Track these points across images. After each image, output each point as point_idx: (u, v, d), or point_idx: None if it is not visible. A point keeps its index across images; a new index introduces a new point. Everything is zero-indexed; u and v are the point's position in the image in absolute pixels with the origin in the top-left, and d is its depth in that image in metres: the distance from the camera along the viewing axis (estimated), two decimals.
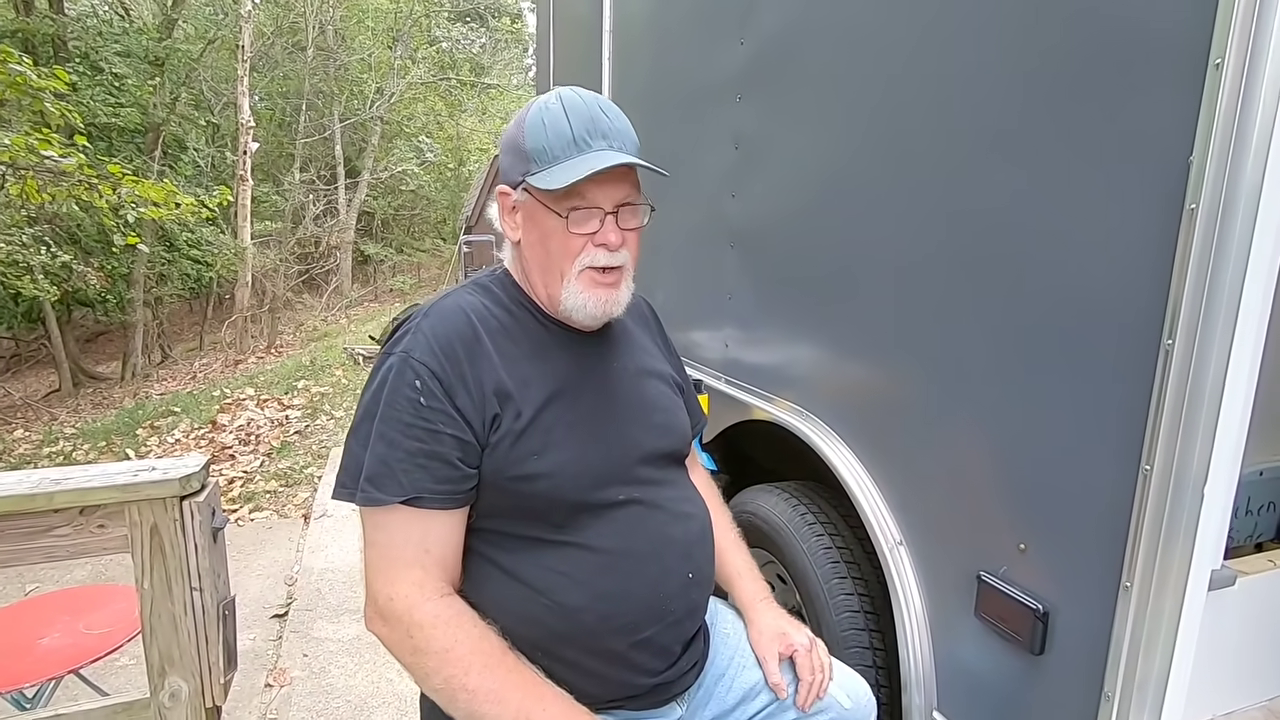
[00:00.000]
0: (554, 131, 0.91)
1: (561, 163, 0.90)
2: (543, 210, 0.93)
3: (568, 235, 0.93)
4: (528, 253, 0.98)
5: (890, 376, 1.37)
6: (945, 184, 1.21)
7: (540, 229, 0.94)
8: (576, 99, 0.93)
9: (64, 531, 1.30)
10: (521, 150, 0.92)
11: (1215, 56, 0.80)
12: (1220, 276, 0.82)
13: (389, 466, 0.86)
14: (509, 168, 0.95)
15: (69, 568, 3.09)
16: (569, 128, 0.91)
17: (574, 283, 0.94)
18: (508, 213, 0.98)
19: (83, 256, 8.72)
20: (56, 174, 5.45)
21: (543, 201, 0.92)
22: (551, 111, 0.92)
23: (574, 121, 0.91)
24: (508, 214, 0.98)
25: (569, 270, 0.94)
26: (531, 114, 0.93)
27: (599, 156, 0.90)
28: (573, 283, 0.94)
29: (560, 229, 0.92)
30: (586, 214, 0.92)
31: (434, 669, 0.85)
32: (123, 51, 10.48)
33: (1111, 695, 0.94)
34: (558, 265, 0.94)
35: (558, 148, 0.90)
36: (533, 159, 0.91)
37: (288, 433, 5.47)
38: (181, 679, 1.35)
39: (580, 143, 0.90)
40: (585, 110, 0.92)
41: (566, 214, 0.92)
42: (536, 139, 0.91)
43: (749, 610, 1.15)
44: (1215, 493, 0.86)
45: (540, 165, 0.91)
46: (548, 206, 0.92)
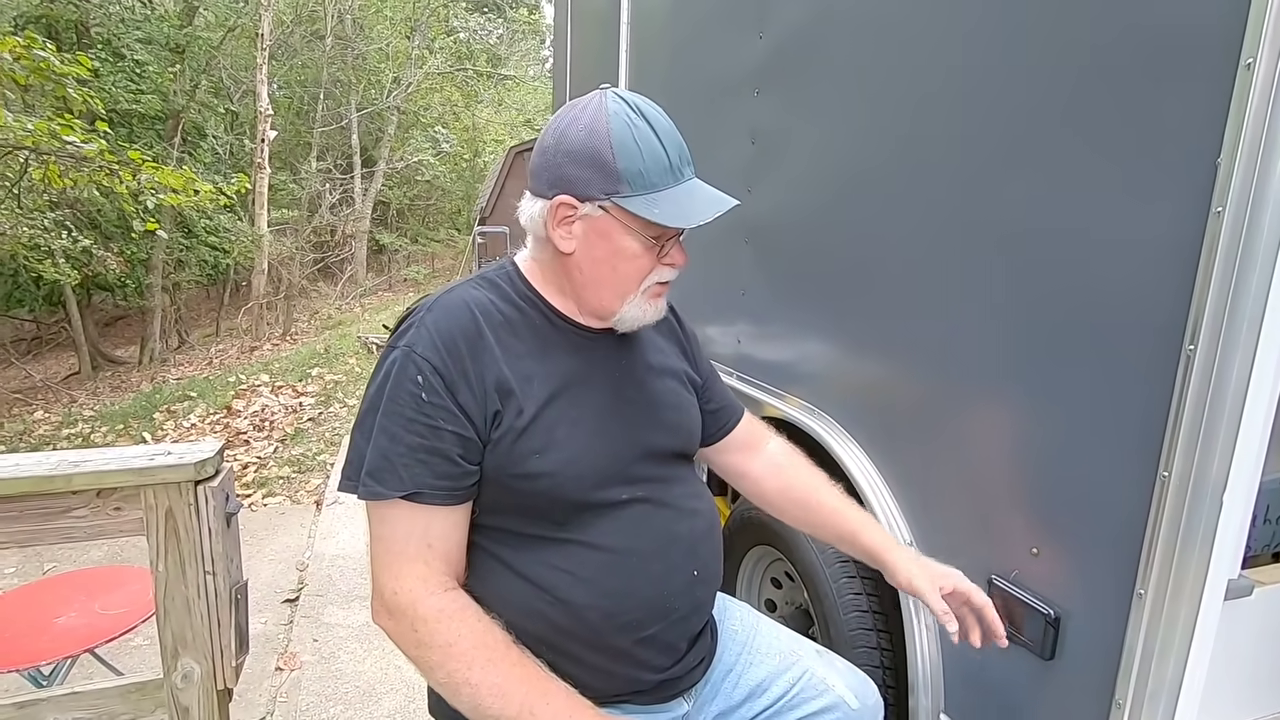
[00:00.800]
0: (650, 156, 0.89)
1: (660, 190, 0.89)
2: (626, 232, 0.91)
3: (651, 260, 0.94)
4: (584, 266, 0.94)
5: (904, 376, 1.36)
6: (965, 183, 1.19)
7: (613, 247, 0.92)
8: (660, 118, 0.92)
9: (81, 513, 1.32)
10: (610, 168, 0.88)
11: (1246, 57, 0.78)
12: (1246, 281, 0.80)
13: (390, 461, 0.87)
14: (581, 181, 0.89)
15: (86, 548, 3.14)
16: (665, 154, 0.90)
17: (639, 298, 0.96)
18: (561, 223, 0.92)
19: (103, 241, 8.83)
20: (78, 159, 5.52)
21: (630, 225, 0.91)
22: (641, 131, 0.89)
23: (669, 148, 0.90)
24: (561, 224, 0.92)
25: (636, 289, 0.95)
26: (617, 128, 0.88)
27: (700, 190, 0.93)
28: (638, 298, 0.96)
29: (644, 253, 0.93)
30: (671, 241, 0.95)
31: (438, 663, 0.85)
32: (144, 38, 10.56)
33: (1123, 703, 0.93)
34: (624, 285, 0.94)
35: (655, 174, 0.89)
36: (625, 180, 0.88)
37: (301, 419, 5.52)
38: (194, 661, 1.36)
39: (676, 171, 0.91)
40: (674, 134, 0.92)
41: (660, 245, 0.93)
42: (631, 161, 0.88)
43: (885, 554, 1.06)
44: (1234, 500, 0.85)
45: (636, 190, 0.88)
46: (636, 231, 0.91)
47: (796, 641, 1.17)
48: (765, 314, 1.83)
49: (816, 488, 1.17)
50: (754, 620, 1.17)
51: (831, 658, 1.17)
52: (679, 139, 0.93)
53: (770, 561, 1.90)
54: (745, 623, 1.16)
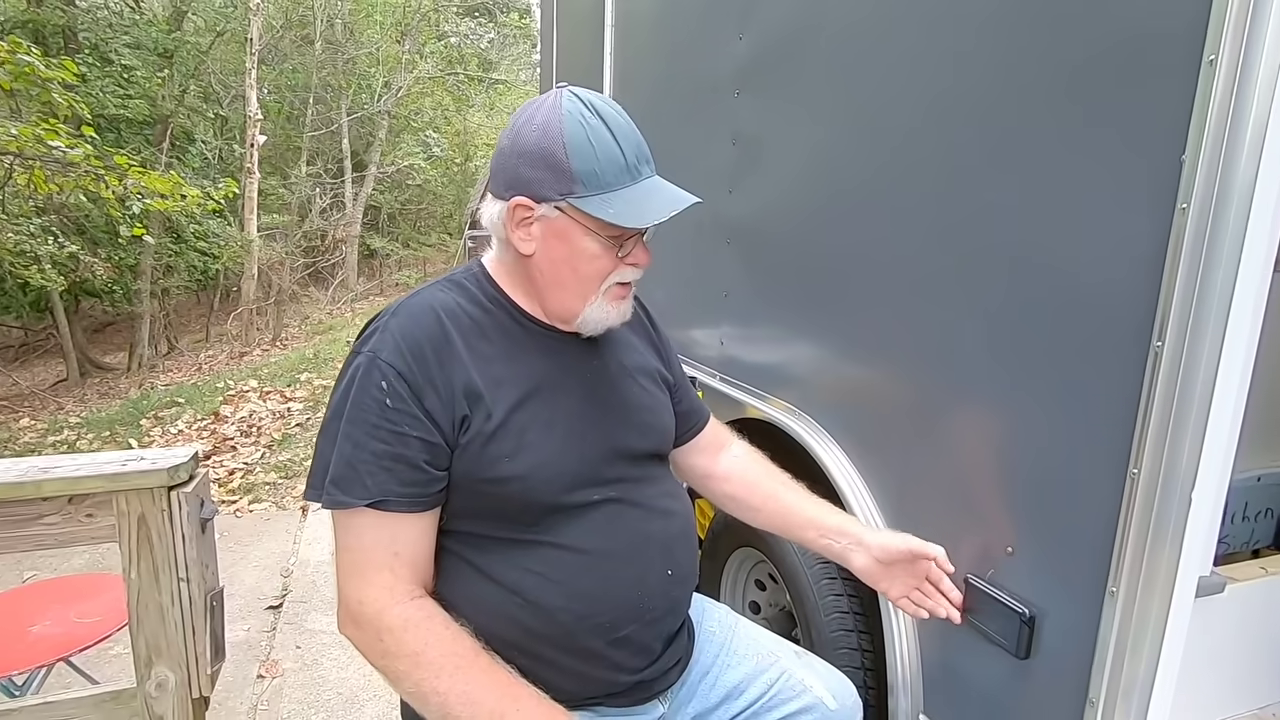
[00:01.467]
0: (605, 156, 0.87)
1: (615, 190, 0.88)
2: (584, 233, 0.90)
3: (611, 260, 0.92)
4: (544, 268, 0.93)
5: (882, 377, 1.36)
6: (939, 183, 1.19)
7: (572, 249, 0.91)
8: (616, 116, 0.90)
9: (53, 520, 1.30)
10: (563, 168, 0.87)
11: (1209, 53, 0.79)
12: (1211, 277, 0.81)
13: (354, 469, 0.85)
14: (536, 181, 0.88)
15: (66, 556, 3.11)
16: (621, 153, 0.88)
17: (601, 298, 0.94)
18: (519, 225, 0.91)
19: (90, 247, 8.76)
20: (64, 164, 5.47)
21: (587, 226, 0.89)
22: (595, 130, 0.87)
23: (625, 146, 0.89)
24: (520, 226, 0.91)
25: (597, 290, 0.94)
26: (571, 129, 0.87)
27: (657, 189, 0.90)
28: (600, 299, 0.94)
29: (603, 254, 0.91)
30: (630, 240, 0.93)
31: (405, 672, 0.84)
32: (132, 43, 10.50)
33: (1096, 701, 0.93)
34: (584, 286, 0.93)
35: (610, 174, 0.88)
36: (579, 181, 0.87)
37: (289, 425, 5.49)
38: (168, 669, 1.35)
39: (633, 170, 0.89)
40: (631, 132, 0.91)
41: (619, 243, 0.91)
42: (585, 161, 0.87)
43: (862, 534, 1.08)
44: (1204, 498, 0.85)
45: (591, 190, 0.87)
46: (593, 231, 0.90)
47: (775, 643, 1.16)
48: (748, 316, 1.82)
49: (784, 482, 1.17)
50: (732, 622, 1.17)
51: (810, 659, 1.16)
52: (636, 137, 0.91)
53: (754, 564, 1.90)
54: (723, 624, 1.15)
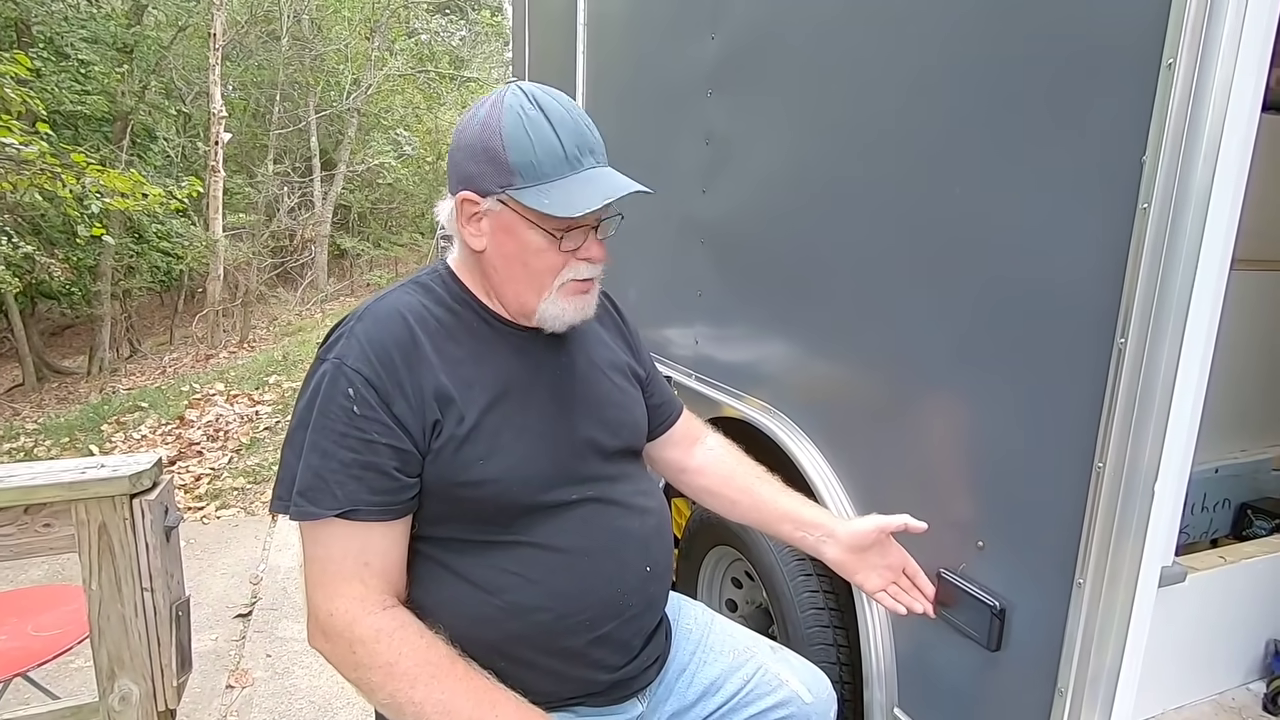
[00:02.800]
0: (543, 147, 0.86)
1: (553, 181, 0.86)
2: (527, 226, 0.89)
3: (557, 253, 0.90)
4: (497, 264, 0.93)
5: (854, 375, 1.37)
6: (909, 184, 1.21)
7: (519, 243, 0.90)
8: (557, 107, 0.89)
9: (8, 530, 1.26)
10: (501, 161, 0.86)
11: (1167, 58, 0.81)
12: (1171, 275, 0.83)
13: (323, 479, 0.83)
14: (479, 175, 0.88)
15: (23, 567, 3.00)
16: (559, 144, 0.86)
17: (555, 294, 0.92)
18: (469, 220, 0.91)
19: (46, 248, 8.49)
20: (17, 162, 5.29)
21: (529, 218, 0.88)
22: (534, 121, 0.87)
23: (563, 137, 0.87)
24: (469, 222, 0.91)
25: (550, 285, 0.92)
26: (509, 122, 0.86)
27: (599, 177, 0.88)
28: (554, 295, 0.92)
29: (548, 247, 0.90)
30: (578, 233, 0.91)
31: (379, 684, 0.82)
32: (89, 37, 10.18)
33: (1065, 690, 0.95)
34: (537, 280, 0.92)
35: (548, 165, 0.86)
36: (518, 173, 0.86)
37: (257, 429, 5.37)
38: (132, 682, 1.31)
39: (573, 160, 0.87)
40: (571, 124, 0.88)
41: (561, 235, 0.89)
42: (522, 152, 0.86)
43: (823, 526, 1.09)
44: (1165, 490, 0.87)
45: (529, 181, 0.86)
46: (535, 224, 0.89)
47: (751, 639, 1.17)
48: (721, 315, 1.83)
49: (759, 475, 1.17)
50: (708, 619, 1.17)
51: (785, 653, 1.17)
52: (578, 128, 0.89)
53: (730, 561, 1.91)
54: (699, 622, 1.16)
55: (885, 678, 1.27)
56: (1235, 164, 0.82)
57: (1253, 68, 0.80)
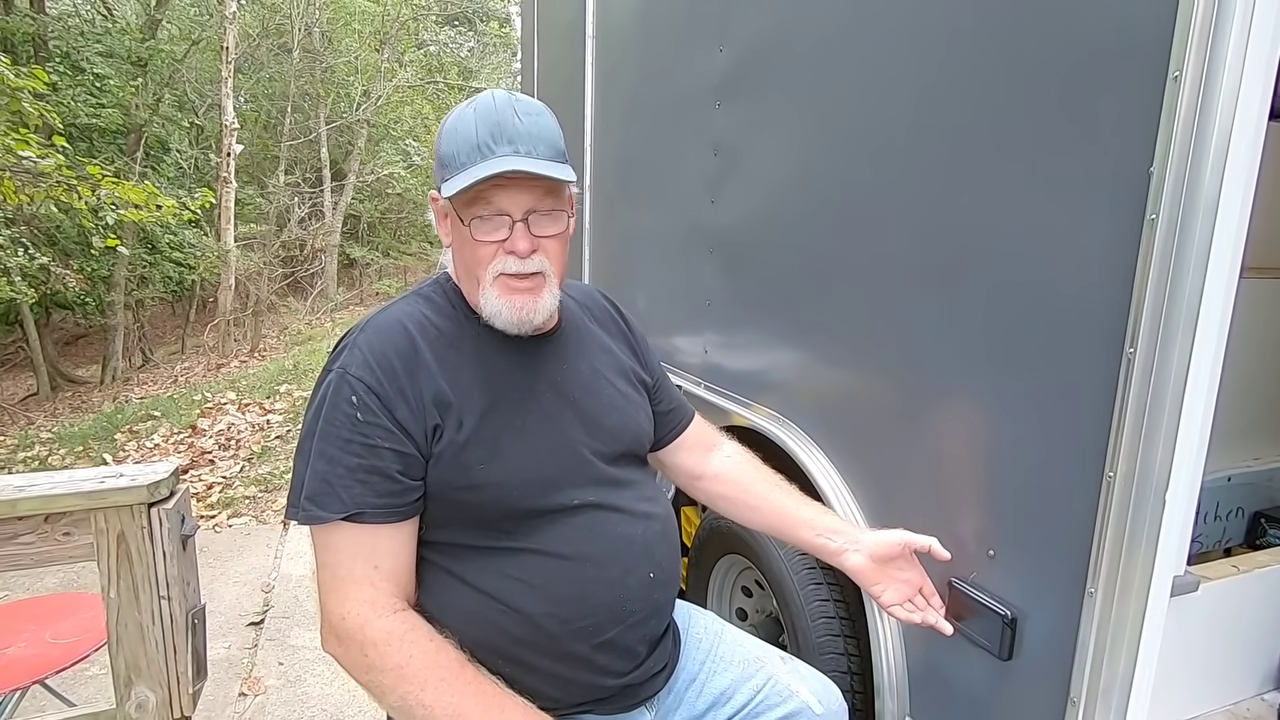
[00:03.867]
0: (462, 136, 0.90)
1: (466, 169, 0.89)
2: (455, 218, 0.94)
3: (474, 243, 0.92)
4: (455, 259, 0.99)
5: (864, 384, 1.38)
6: (918, 194, 1.21)
7: (457, 236, 0.95)
8: (489, 102, 0.92)
9: (28, 539, 1.28)
10: (440, 156, 0.93)
11: (1174, 70, 0.81)
12: (1180, 285, 0.83)
13: (329, 484, 0.86)
14: (435, 173, 0.96)
15: (39, 575, 3.03)
16: (474, 132, 0.90)
17: (489, 289, 0.93)
18: (440, 219, 0.99)
19: (61, 258, 8.60)
20: (34, 175, 5.37)
21: (452, 209, 0.93)
22: (464, 117, 0.92)
23: (480, 126, 0.90)
24: (440, 220, 0.99)
25: (483, 277, 0.93)
26: (451, 119, 0.94)
27: (496, 163, 0.88)
28: (488, 289, 0.93)
29: (468, 237, 0.92)
30: (492, 222, 0.91)
31: (389, 686, 0.84)
32: (105, 51, 10.34)
33: (1077, 700, 0.95)
34: (472, 273, 0.94)
35: (463, 153, 0.90)
36: (445, 164, 0.91)
37: (269, 437, 5.41)
38: (149, 689, 1.32)
39: (484, 148, 0.89)
40: (494, 114, 0.90)
41: (469, 222, 0.91)
42: (449, 145, 0.91)
43: (846, 533, 1.09)
44: (1177, 499, 0.87)
45: (450, 171, 0.91)
46: (455, 214, 0.93)
47: (761, 649, 1.17)
48: (731, 324, 1.84)
49: (777, 483, 1.18)
50: (718, 628, 1.17)
51: (796, 664, 1.17)
52: (500, 119, 0.89)
53: (740, 570, 1.91)
54: (709, 631, 1.16)
55: (896, 687, 1.27)
56: (1243, 173, 0.82)
57: (1259, 78, 0.80)
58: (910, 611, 1.07)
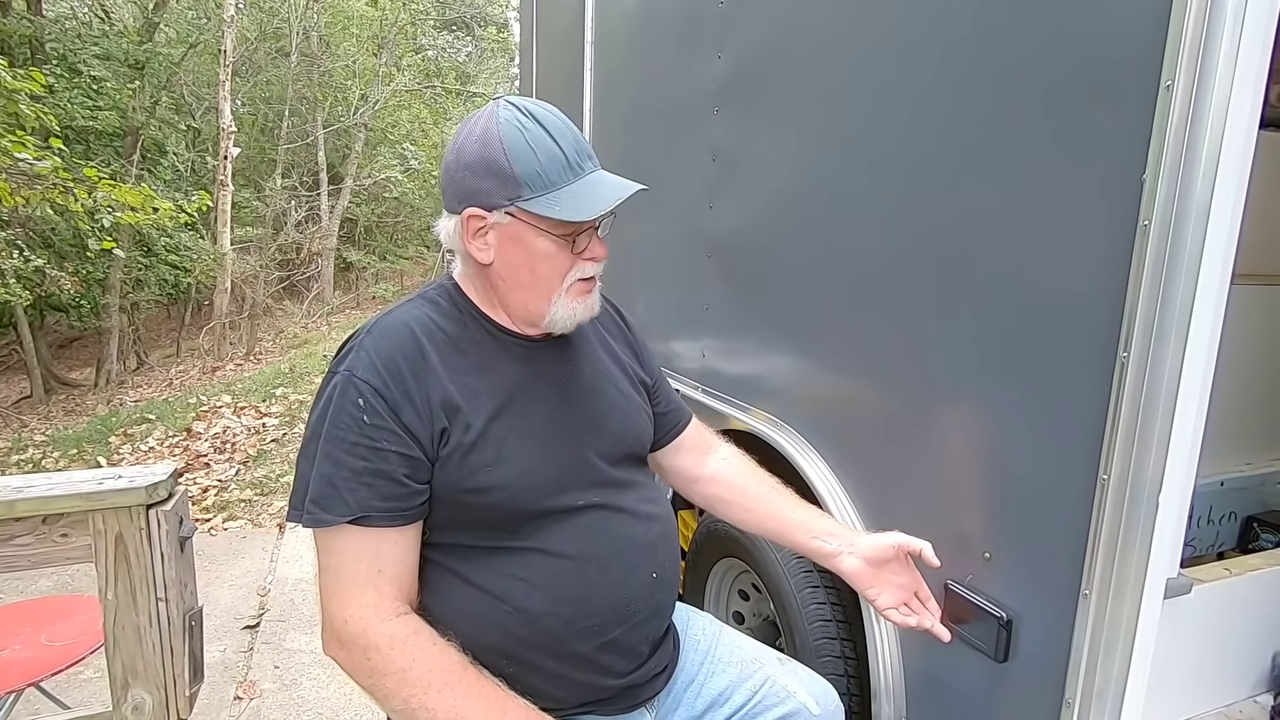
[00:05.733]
0: (546, 155, 0.90)
1: (561, 188, 0.90)
2: (536, 234, 0.92)
3: (568, 257, 0.94)
4: (504, 274, 0.95)
5: (861, 388, 1.39)
6: (914, 200, 1.23)
7: (528, 251, 0.93)
8: (552, 117, 0.93)
9: (25, 540, 1.28)
10: (507, 174, 0.89)
11: (1166, 79, 0.83)
12: (1173, 290, 0.84)
13: (334, 486, 0.86)
14: (484, 191, 0.91)
15: (33, 578, 3.02)
16: (560, 151, 0.91)
17: (564, 297, 0.96)
18: (474, 235, 0.94)
19: (57, 261, 8.56)
20: (30, 177, 5.36)
21: (539, 226, 0.92)
22: (533, 133, 0.90)
23: (563, 144, 0.91)
24: (475, 236, 0.94)
25: (559, 288, 0.95)
26: (509, 134, 0.90)
27: (601, 181, 0.93)
28: (563, 298, 0.96)
29: (559, 252, 0.93)
30: (584, 234, 0.95)
31: (393, 690, 0.84)
32: (102, 54, 10.33)
33: (1072, 702, 0.96)
34: (547, 285, 0.95)
35: (553, 173, 0.90)
36: (524, 184, 0.89)
37: (264, 441, 5.40)
38: (145, 691, 1.32)
39: (575, 166, 0.92)
40: (568, 131, 0.93)
41: (572, 239, 0.94)
42: (526, 164, 0.89)
43: (842, 536, 1.09)
44: (1170, 501, 0.88)
45: (536, 191, 0.89)
46: (545, 231, 0.92)
47: (759, 650, 1.18)
48: (728, 328, 1.85)
49: (773, 486, 1.19)
50: (716, 630, 1.18)
51: (793, 665, 1.18)
52: (573, 134, 0.93)
53: (738, 574, 1.91)
54: (707, 633, 1.16)
55: (893, 689, 1.28)
56: (1234, 181, 0.84)
57: (1250, 87, 0.82)
58: (905, 615, 1.07)
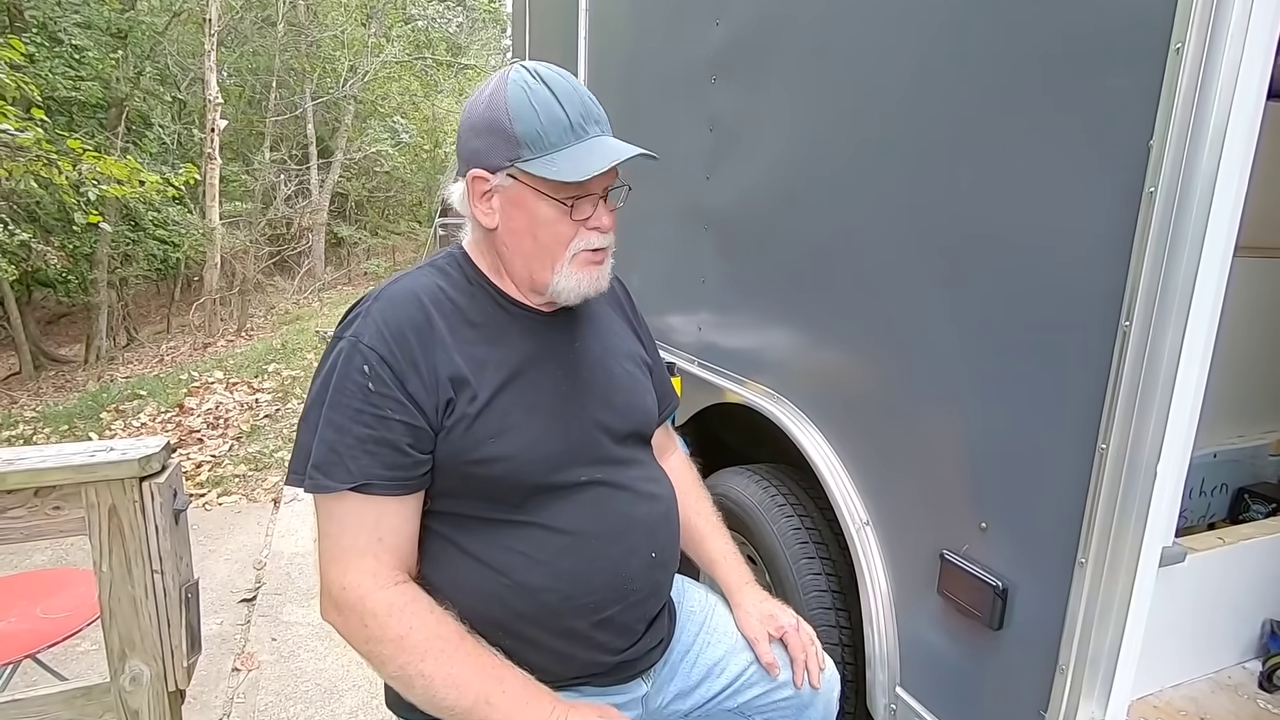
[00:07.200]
0: (548, 116, 0.88)
1: (560, 150, 0.88)
2: (537, 198, 0.90)
3: (568, 223, 0.91)
4: (508, 240, 0.94)
5: (859, 360, 1.38)
6: (914, 170, 1.21)
7: (530, 216, 0.91)
8: (561, 80, 0.90)
9: (18, 513, 1.27)
10: (509, 134, 0.88)
11: (1176, 41, 0.81)
12: (1177, 259, 0.84)
13: (337, 453, 0.85)
14: (487, 151, 0.90)
15: (29, 552, 3.02)
16: (564, 113, 0.88)
17: (568, 266, 0.93)
18: (480, 198, 0.93)
19: (42, 235, 8.44)
20: (13, 149, 5.26)
21: (539, 189, 0.89)
22: (538, 94, 0.88)
23: (567, 106, 0.88)
24: (480, 200, 0.93)
25: (562, 256, 0.93)
26: (513, 95, 0.88)
27: (602, 145, 0.89)
28: (566, 266, 0.93)
29: (558, 217, 0.91)
30: (589, 200, 0.92)
31: (389, 656, 0.84)
32: (83, 23, 10.08)
33: (1066, 668, 0.97)
34: (549, 252, 0.93)
35: (554, 134, 0.88)
36: (525, 144, 0.87)
37: (257, 416, 5.38)
38: (143, 663, 1.32)
39: (578, 129, 0.89)
40: (575, 94, 0.90)
41: (570, 203, 0.90)
42: (528, 124, 0.87)
43: (734, 594, 1.16)
44: (1167, 471, 0.88)
45: (536, 152, 0.88)
46: (545, 194, 0.90)
47: None
48: (725, 301, 1.84)
49: (698, 510, 1.20)
50: (712, 601, 1.19)
51: None
52: (580, 98, 0.91)
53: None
54: (703, 604, 1.17)
55: (888, 658, 1.29)
56: (1241, 150, 0.83)
57: (1260, 53, 0.80)
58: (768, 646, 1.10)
